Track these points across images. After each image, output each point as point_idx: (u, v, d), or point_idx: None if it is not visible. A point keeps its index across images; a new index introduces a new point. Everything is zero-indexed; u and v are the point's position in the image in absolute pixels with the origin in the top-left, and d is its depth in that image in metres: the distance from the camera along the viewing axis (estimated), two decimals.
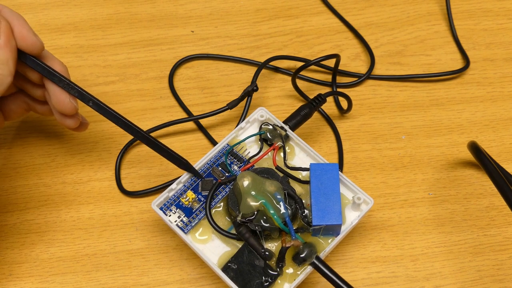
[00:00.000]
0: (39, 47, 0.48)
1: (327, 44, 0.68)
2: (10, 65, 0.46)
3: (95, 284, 0.53)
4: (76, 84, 0.50)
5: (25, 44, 0.47)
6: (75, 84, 0.50)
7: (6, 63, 0.46)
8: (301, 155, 0.54)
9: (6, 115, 0.54)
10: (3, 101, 0.54)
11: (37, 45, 0.48)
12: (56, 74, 0.49)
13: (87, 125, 0.55)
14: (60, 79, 0.49)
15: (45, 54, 0.51)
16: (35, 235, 0.55)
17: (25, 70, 0.50)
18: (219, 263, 0.48)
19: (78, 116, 0.52)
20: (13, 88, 0.53)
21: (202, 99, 0.64)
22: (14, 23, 0.47)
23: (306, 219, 0.48)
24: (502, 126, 0.62)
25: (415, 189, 0.58)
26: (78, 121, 0.52)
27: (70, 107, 0.50)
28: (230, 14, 0.69)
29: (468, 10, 0.70)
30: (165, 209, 0.50)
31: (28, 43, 0.48)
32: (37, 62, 0.49)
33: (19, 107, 0.54)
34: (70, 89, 0.50)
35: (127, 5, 0.70)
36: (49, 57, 0.51)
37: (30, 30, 0.48)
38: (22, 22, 0.47)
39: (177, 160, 0.51)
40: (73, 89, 0.50)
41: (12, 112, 0.54)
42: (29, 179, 0.58)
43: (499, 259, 0.54)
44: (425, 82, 0.65)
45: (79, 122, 0.53)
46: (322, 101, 0.57)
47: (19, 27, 0.47)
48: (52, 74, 0.49)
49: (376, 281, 0.53)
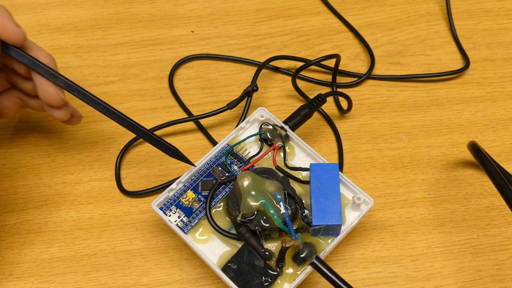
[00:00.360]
0: (20, 37, 0.48)
1: (327, 44, 0.68)
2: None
3: (95, 284, 0.53)
4: (61, 74, 0.49)
5: (6, 34, 0.47)
6: (60, 74, 0.49)
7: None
8: (301, 155, 0.54)
9: (1, 113, 0.54)
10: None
11: (18, 35, 0.47)
12: (41, 64, 0.49)
13: (80, 118, 0.54)
14: (45, 69, 0.49)
15: (30, 45, 0.50)
16: (35, 235, 0.55)
17: (11, 63, 0.50)
18: (219, 263, 0.48)
19: (68, 108, 0.52)
20: (5, 83, 0.53)
21: (202, 99, 0.64)
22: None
23: (306, 219, 0.48)
24: (502, 126, 0.62)
25: (415, 189, 0.58)
26: (68, 113, 0.52)
27: (57, 98, 0.49)
28: (230, 14, 0.69)
29: (468, 10, 0.70)
30: (165, 209, 0.50)
31: (9, 33, 0.47)
32: (20, 53, 0.48)
33: (14, 103, 0.54)
34: (56, 80, 0.49)
35: (127, 5, 0.70)
36: (34, 48, 0.50)
37: (11, 20, 0.47)
38: (3, 12, 0.47)
39: (165, 147, 0.51)
40: (58, 79, 0.49)
41: (7, 109, 0.54)
42: (29, 179, 0.58)
43: (499, 259, 0.54)
44: (425, 82, 0.65)
45: (70, 114, 0.52)
46: (322, 101, 0.57)
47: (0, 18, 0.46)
48: (37, 65, 0.48)
49: (376, 281, 0.53)
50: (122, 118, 0.50)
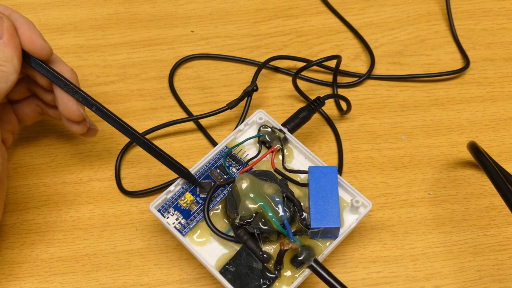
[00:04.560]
0: (47, 52, 0.49)
1: (327, 44, 0.68)
2: (15, 63, 0.47)
3: (95, 284, 0.53)
4: (81, 89, 0.50)
5: (34, 48, 0.48)
6: (80, 89, 0.50)
7: (10, 61, 0.46)
8: (300, 157, 0.54)
9: (20, 119, 0.55)
10: (18, 104, 0.55)
11: (46, 50, 0.49)
12: (61, 78, 0.49)
13: (96, 131, 0.56)
14: (65, 83, 0.50)
15: (54, 59, 0.51)
16: (35, 235, 0.55)
17: (34, 74, 0.51)
18: (217, 266, 0.48)
19: (86, 123, 0.53)
20: (26, 92, 0.54)
21: (202, 99, 0.64)
22: (24, 27, 0.48)
23: (305, 222, 0.48)
24: (502, 126, 0.62)
25: (415, 189, 0.58)
26: (86, 127, 0.53)
27: (77, 114, 0.51)
28: (230, 14, 0.69)
29: (468, 10, 0.70)
30: (163, 211, 0.50)
31: (37, 47, 0.48)
32: (42, 64, 0.49)
33: (33, 110, 0.55)
34: (75, 94, 0.50)
35: (127, 5, 0.70)
36: (58, 62, 0.51)
37: (39, 35, 0.48)
38: (32, 26, 0.48)
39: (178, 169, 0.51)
40: (77, 93, 0.50)
41: (26, 116, 0.55)
42: (29, 179, 0.58)
43: (499, 259, 0.54)
44: (425, 82, 0.65)
45: (87, 128, 0.53)
46: (321, 103, 0.57)
47: (28, 31, 0.48)
48: (57, 78, 0.49)
49: (376, 281, 0.53)
50: (146, 144, 0.51)
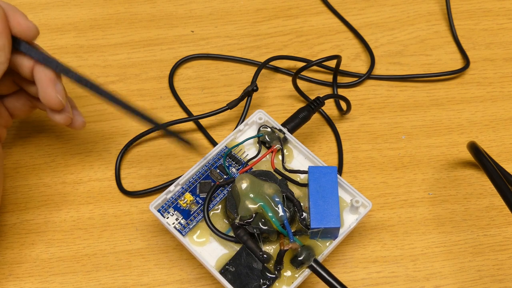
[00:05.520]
0: (34, 32, 0.48)
1: (327, 44, 0.68)
2: (6, 52, 0.46)
3: (95, 284, 0.53)
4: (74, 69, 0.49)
5: (20, 29, 0.47)
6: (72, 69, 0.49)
7: (2, 50, 0.46)
8: (300, 157, 0.54)
9: (12, 113, 0.55)
10: (8, 99, 0.54)
11: (32, 30, 0.48)
12: (53, 59, 0.49)
13: (83, 123, 0.54)
14: (57, 64, 0.49)
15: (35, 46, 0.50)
16: (35, 235, 0.55)
17: (17, 65, 0.50)
18: (217, 266, 0.48)
19: (68, 113, 0.52)
20: (13, 85, 0.53)
21: (202, 99, 0.64)
22: (9, 12, 0.47)
23: (304, 222, 0.48)
24: (502, 126, 0.62)
25: (415, 189, 0.58)
26: (68, 118, 0.52)
27: (56, 101, 0.50)
28: (230, 14, 0.69)
29: (468, 10, 0.70)
30: (163, 211, 0.50)
31: (23, 28, 0.47)
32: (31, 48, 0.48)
33: (24, 104, 0.55)
34: (67, 74, 0.49)
35: (127, 5, 0.70)
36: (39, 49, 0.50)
37: (23, 16, 0.48)
38: (15, 9, 0.48)
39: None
40: (70, 73, 0.49)
41: (18, 110, 0.55)
42: (29, 179, 0.58)
43: (499, 259, 0.54)
44: (425, 82, 0.65)
45: (70, 119, 0.52)
46: (321, 104, 0.57)
47: (13, 14, 0.47)
48: (48, 60, 0.49)
49: (376, 281, 0.53)
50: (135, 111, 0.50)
